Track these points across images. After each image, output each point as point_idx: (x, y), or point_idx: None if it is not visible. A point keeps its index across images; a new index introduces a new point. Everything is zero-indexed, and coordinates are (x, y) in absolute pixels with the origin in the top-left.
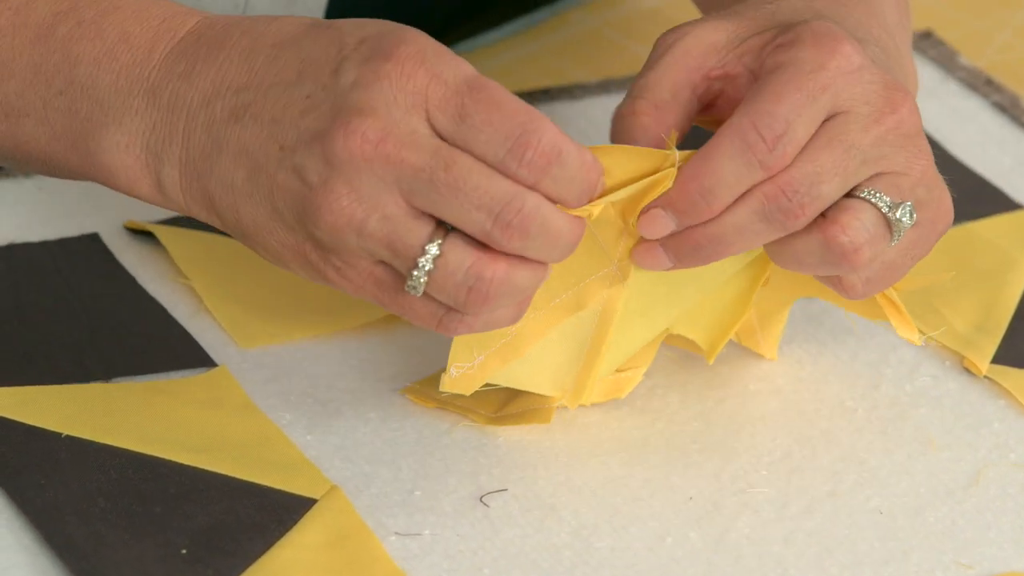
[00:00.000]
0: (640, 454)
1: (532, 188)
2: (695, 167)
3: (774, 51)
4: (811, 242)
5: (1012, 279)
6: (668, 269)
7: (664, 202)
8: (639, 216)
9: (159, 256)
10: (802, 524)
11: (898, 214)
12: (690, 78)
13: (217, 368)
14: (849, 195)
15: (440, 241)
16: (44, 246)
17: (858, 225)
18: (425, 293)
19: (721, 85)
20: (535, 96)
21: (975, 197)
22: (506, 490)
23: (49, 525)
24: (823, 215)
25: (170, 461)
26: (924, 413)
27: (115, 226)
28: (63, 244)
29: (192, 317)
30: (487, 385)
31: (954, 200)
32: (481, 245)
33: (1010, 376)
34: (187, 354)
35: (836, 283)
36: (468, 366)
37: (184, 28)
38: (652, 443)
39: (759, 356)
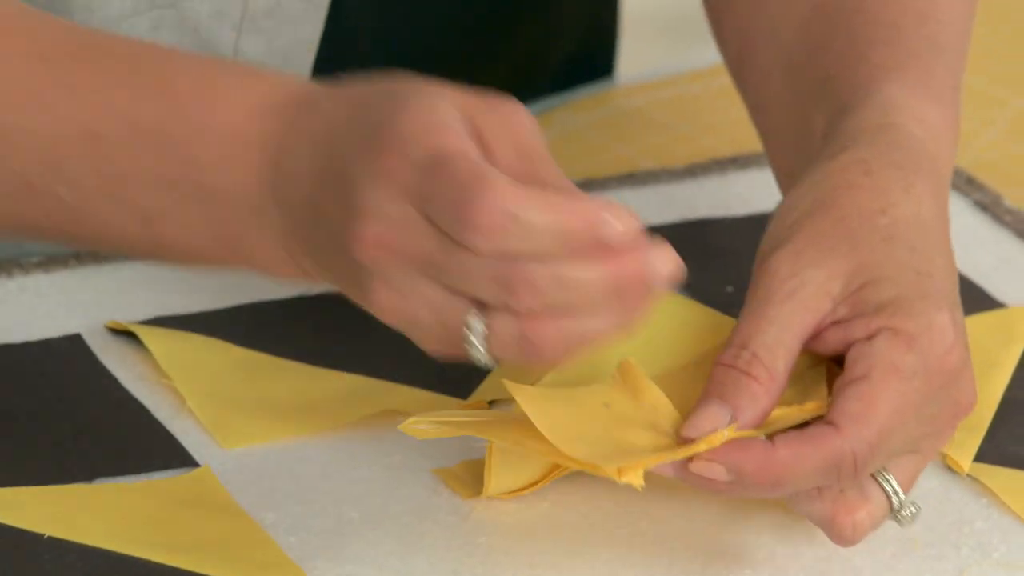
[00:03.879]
0: (624, 551)
1: (500, 255)
2: (779, 461)
3: (883, 340)
4: (819, 509)
5: (994, 378)
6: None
7: (729, 462)
8: (693, 460)
9: (141, 356)
10: None
11: (903, 514)
12: (803, 336)
13: (200, 468)
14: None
15: (481, 315)
16: (26, 347)
17: (867, 522)
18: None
19: (825, 332)
20: None
21: None
22: None
23: None
24: None
25: (153, 562)
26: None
27: (97, 326)
28: (45, 345)
29: (174, 417)
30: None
31: None
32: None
33: (993, 475)
34: (170, 455)
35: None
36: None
37: (282, 119)
38: (636, 542)
39: None
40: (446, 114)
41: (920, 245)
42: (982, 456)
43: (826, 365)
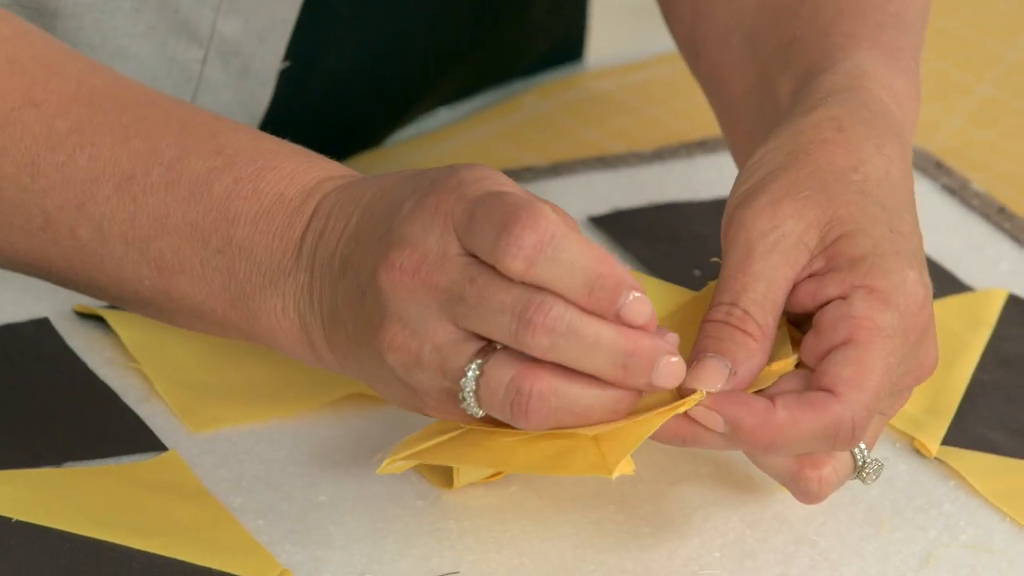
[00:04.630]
0: (593, 537)
1: (530, 281)
2: (778, 423)
3: (860, 298)
4: (783, 464)
5: (962, 361)
6: (718, 438)
7: (728, 414)
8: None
9: (109, 340)
10: None
11: (866, 472)
12: (788, 289)
13: (168, 452)
14: None
15: (481, 361)
16: None
17: (833, 477)
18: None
19: (798, 286)
20: None
21: None
22: (458, 573)
23: None
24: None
25: (121, 546)
26: (875, 495)
27: (65, 310)
28: (12, 329)
29: (143, 401)
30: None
31: None
32: (527, 360)
33: (960, 457)
34: (138, 439)
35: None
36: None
37: (333, 188)
38: (605, 526)
39: None
40: (505, 178)
41: (890, 203)
42: (950, 439)
43: (786, 324)
